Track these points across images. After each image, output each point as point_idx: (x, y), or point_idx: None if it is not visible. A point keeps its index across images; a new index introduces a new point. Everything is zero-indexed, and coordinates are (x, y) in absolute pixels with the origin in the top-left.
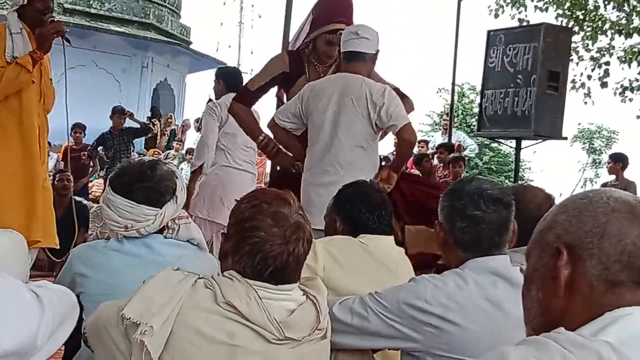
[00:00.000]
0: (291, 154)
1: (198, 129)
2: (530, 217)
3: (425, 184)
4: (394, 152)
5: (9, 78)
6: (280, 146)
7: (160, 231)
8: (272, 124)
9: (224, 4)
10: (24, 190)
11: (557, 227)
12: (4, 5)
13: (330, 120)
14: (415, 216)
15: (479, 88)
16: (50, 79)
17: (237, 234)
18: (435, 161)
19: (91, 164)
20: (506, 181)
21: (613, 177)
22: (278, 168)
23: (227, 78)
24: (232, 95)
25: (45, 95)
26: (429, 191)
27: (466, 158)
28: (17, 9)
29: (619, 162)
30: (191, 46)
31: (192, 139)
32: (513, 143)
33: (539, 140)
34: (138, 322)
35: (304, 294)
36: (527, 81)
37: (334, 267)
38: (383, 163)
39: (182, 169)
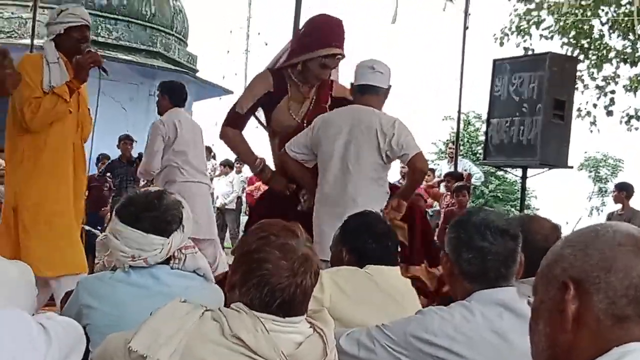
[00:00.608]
0: (303, 186)
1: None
2: (537, 248)
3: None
4: (400, 181)
5: (46, 108)
6: (292, 176)
7: (167, 261)
8: (284, 155)
9: (231, 32)
10: (55, 221)
11: (563, 260)
12: (13, 34)
13: (340, 152)
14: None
15: (484, 116)
16: (89, 109)
17: (244, 266)
18: (442, 189)
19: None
20: (512, 209)
21: (619, 206)
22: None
23: (173, 93)
24: (178, 110)
25: (82, 125)
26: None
27: (472, 186)
28: (54, 38)
29: (624, 191)
30: (198, 74)
31: None
32: (519, 171)
33: (545, 169)
34: (145, 355)
35: (311, 327)
36: (532, 110)
37: (341, 297)
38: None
39: None
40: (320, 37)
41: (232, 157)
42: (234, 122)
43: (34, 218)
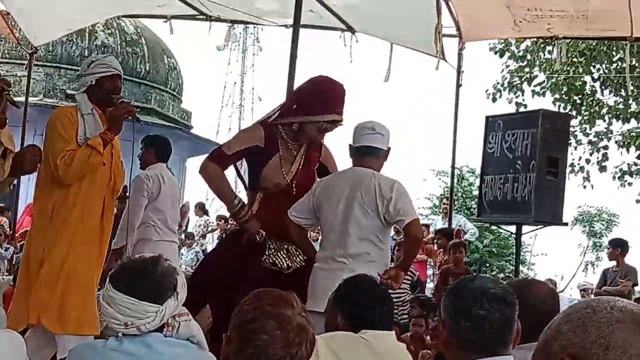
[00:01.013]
0: (304, 252)
1: (198, 213)
2: (534, 312)
3: None
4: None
5: (80, 160)
6: (292, 241)
7: (160, 329)
8: (286, 220)
9: (224, 87)
10: (76, 278)
11: (561, 337)
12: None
13: (341, 214)
14: None
15: (478, 171)
16: (122, 161)
17: (239, 337)
18: (435, 247)
19: None
20: (507, 264)
21: (614, 263)
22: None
23: (158, 147)
24: (162, 165)
25: (115, 178)
26: None
27: (467, 242)
28: (86, 90)
29: (618, 247)
30: (192, 130)
31: (192, 222)
32: (513, 227)
33: (540, 227)
34: None
35: None
36: (526, 167)
37: None
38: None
39: (182, 254)
40: (325, 102)
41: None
42: (218, 159)
43: (57, 274)
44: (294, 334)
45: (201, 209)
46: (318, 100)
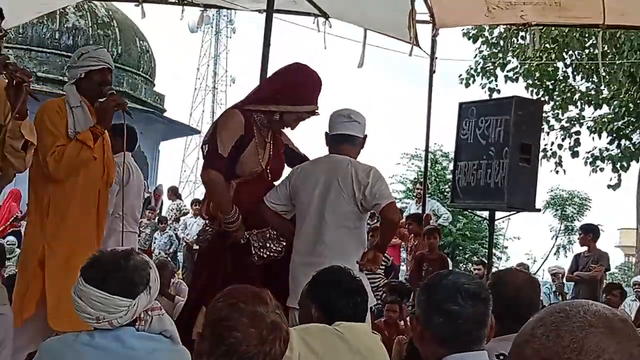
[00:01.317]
0: (284, 237)
1: (171, 197)
2: (509, 299)
3: None
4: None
5: (70, 156)
6: (273, 228)
7: (132, 323)
8: (262, 207)
9: (198, 69)
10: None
11: (534, 341)
12: None
13: (317, 201)
14: None
15: (451, 155)
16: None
17: (212, 334)
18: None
19: None
20: (480, 247)
21: (585, 248)
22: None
23: (127, 136)
24: (127, 154)
25: (108, 171)
26: None
27: (440, 227)
28: (75, 82)
29: (589, 233)
30: (165, 113)
31: (165, 206)
32: (486, 213)
33: (513, 212)
34: None
35: None
36: (499, 153)
37: (309, 356)
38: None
39: (155, 238)
40: (306, 94)
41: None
42: (217, 164)
43: (64, 274)
44: (267, 331)
45: (174, 193)
46: (300, 90)
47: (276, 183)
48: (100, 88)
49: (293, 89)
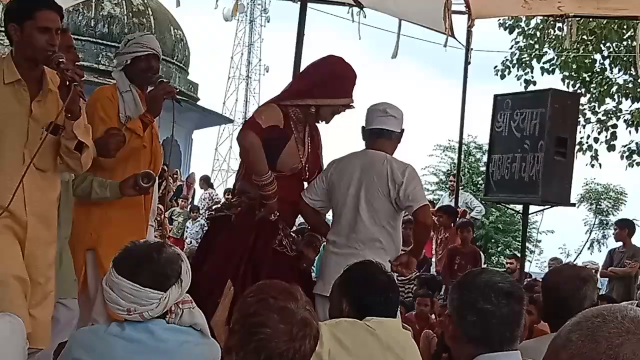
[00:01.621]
0: (319, 236)
1: (203, 186)
2: (552, 296)
3: None
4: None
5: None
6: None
7: (163, 316)
8: (302, 204)
9: (232, 58)
10: None
11: (570, 346)
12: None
13: (352, 197)
14: None
15: (485, 147)
16: (160, 143)
17: (242, 329)
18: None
19: None
20: (513, 241)
21: (620, 243)
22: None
23: None
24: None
25: (155, 160)
26: None
27: (473, 220)
28: (122, 68)
29: (625, 228)
30: (199, 102)
31: (197, 195)
32: (520, 207)
33: (547, 207)
34: None
35: None
36: (534, 147)
37: (340, 351)
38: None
39: (187, 227)
40: (343, 86)
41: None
42: (256, 129)
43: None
44: (297, 328)
45: (206, 182)
46: (337, 83)
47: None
48: (147, 74)
49: (329, 81)
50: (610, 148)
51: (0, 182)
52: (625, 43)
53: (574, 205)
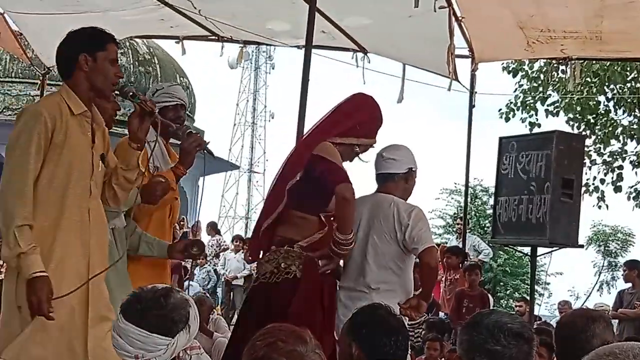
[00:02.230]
0: None
1: (210, 232)
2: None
3: None
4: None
5: None
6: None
7: None
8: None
9: (237, 105)
10: None
11: None
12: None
13: (360, 241)
14: None
15: (491, 190)
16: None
17: None
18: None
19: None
20: (522, 284)
21: (629, 284)
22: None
23: None
24: None
25: (174, 211)
26: None
27: (481, 262)
28: None
29: (634, 269)
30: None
31: (204, 242)
32: (528, 249)
33: (555, 248)
34: None
35: None
36: (540, 188)
37: None
38: None
39: (194, 274)
40: (378, 127)
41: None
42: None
43: None
44: None
45: (213, 229)
46: (374, 123)
47: None
48: (176, 123)
49: (372, 121)
50: (617, 189)
51: (71, 215)
52: (629, 85)
53: (582, 246)
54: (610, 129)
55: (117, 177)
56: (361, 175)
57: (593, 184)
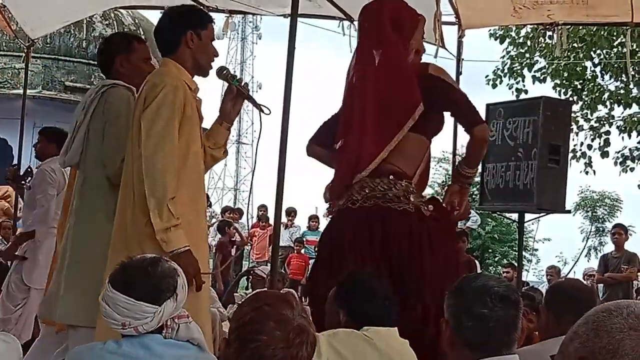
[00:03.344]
0: None
1: None
2: (569, 298)
3: None
4: None
5: None
6: None
7: (160, 331)
8: None
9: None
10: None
11: (576, 339)
12: (5, 84)
13: None
14: None
15: None
16: None
17: (238, 338)
18: None
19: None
20: (510, 251)
21: (612, 248)
22: None
23: (60, 140)
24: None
25: None
26: None
27: (469, 230)
28: None
29: (625, 233)
30: None
31: None
32: (515, 215)
33: (542, 214)
34: None
35: None
36: (528, 155)
37: None
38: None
39: None
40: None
41: None
42: None
43: None
44: (294, 334)
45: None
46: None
47: None
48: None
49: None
50: (604, 155)
51: (192, 192)
52: (615, 50)
53: (569, 212)
54: (597, 94)
55: (205, 155)
56: None
57: (580, 149)
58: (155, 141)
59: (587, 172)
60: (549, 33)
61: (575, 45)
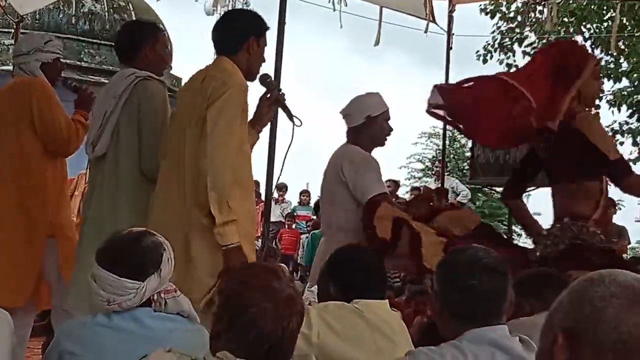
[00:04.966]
0: None
1: None
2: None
3: None
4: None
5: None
6: None
7: (150, 304)
8: None
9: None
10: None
11: (561, 309)
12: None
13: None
14: None
15: None
16: None
17: (227, 313)
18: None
19: None
20: (500, 225)
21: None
22: None
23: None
24: None
25: None
26: None
27: (460, 204)
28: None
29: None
30: None
31: None
32: None
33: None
34: None
35: None
36: None
37: (329, 334)
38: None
39: None
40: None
41: None
42: None
43: None
44: (283, 305)
45: None
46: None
47: None
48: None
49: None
50: None
51: (243, 190)
52: (605, 24)
53: None
54: None
55: None
56: None
57: None
58: (220, 138)
59: None
60: (539, 8)
61: (565, 19)
